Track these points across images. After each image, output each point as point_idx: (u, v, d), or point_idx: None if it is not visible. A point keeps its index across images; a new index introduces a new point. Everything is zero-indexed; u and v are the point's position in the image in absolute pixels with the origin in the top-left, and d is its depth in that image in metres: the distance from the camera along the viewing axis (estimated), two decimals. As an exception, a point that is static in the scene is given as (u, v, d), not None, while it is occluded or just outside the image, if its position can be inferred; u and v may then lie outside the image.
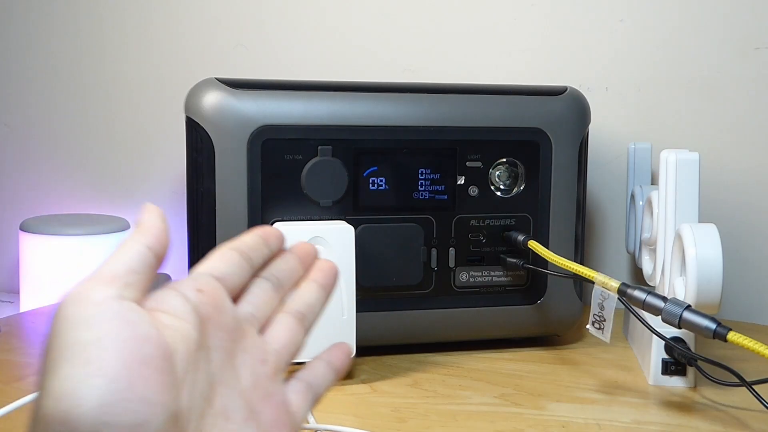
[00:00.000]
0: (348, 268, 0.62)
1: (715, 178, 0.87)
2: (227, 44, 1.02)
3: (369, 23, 0.98)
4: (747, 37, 0.86)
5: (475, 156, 0.70)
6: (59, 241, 1.00)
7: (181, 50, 1.04)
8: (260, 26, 1.01)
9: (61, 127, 1.12)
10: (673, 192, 0.65)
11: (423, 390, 0.63)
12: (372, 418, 0.57)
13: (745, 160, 0.88)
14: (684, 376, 0.65)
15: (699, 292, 0.59)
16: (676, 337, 0.63)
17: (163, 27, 1.05)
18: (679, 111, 0.89)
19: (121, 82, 1.08)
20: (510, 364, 0.70)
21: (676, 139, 0.89)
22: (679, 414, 0.59)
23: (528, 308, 0.73)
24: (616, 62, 0.91)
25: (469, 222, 0.71)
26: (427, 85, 0.72)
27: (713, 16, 0.87)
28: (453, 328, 0.72)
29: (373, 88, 0.69)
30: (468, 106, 0.70)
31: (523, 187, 0.71)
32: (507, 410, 0.60)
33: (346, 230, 0.63)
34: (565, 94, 0.73)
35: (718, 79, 0.88)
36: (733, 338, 0.51)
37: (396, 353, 0.71)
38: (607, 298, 0.60)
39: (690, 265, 0.59)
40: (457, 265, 0.71)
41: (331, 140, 0.67)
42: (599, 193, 0.93)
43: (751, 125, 0.87)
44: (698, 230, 0.60)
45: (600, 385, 0.65)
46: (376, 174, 0.68)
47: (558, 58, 0.92)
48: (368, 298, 0.68)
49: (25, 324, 0.84)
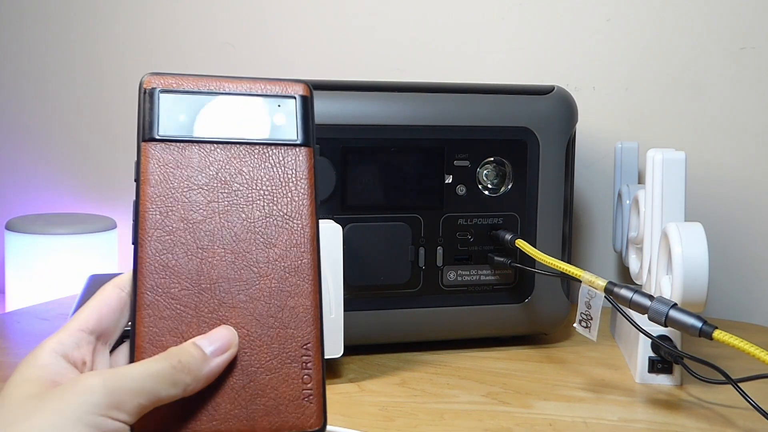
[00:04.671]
0: (336, 267, 0.62)
1: (701, 177, 0.88)
2: (214, 43, 1.02)
3: (357, 22, 0.97)
4: (733, 37, 0.87)
5: (462, 155, 0.70)
6: (45, 241, 1.00)
7: (168, 49, 1.04)
8: (247, 25, 1.01)
9: (47, 125, 1.11)
10: (660, 191, 0.65)
11: (411, 389, 0.63)
12: (360, 417, 0.57)
13: (731, 159, 0.88)
14: (670, 374, 0.65)
15: (685, 290, 0.59)
16: (663, 336, 0.63)
17: (151, 26, 1.04)
18: (666, 110, 0.90)
19: (108, 82, 1.07)
20: (497, 362, 0.70)
21: (663, 139, 0.90)
22: (666, 412, 0.60)
23: (515, 307, 0.73)
24: (604, 62, 0.91)
25: (456, 221, 0.71)
26: (415, 84, 0.72)
27: (699, 16, 0.88)
28: (441, 327, 0.72)
29: (361, 87, 0.69)
30: (455, 105, 0.70)
31: (511, 186, 0.72)
32: (494, 409, 0.60)
33: (334, 229, 0.63)
34: (553, 94, 0.73)
35: (704, 79, 0.88)
36: (719, 336, 0.51)
37: (384, 352, 0.71)
38: (594, 297, 0.60)
39: (676, 263, 0.59)
40: (444, 264, 0.71)
41: (319, 139, 0.66)
42: (586, 192, 0.93)
43: (737, 124, 0.88)
44: (684, 229, 0.61)
45: (587, 383, 0.66)
46: (363, 173, 0.68)
47: (545, 57, 0.92)
48: (356, 297, 0.68)
49: (10, 324, 0.83)
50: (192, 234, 0.39)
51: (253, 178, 0.41)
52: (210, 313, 0.38)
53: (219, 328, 0.38)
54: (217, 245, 0.39)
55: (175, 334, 0.37)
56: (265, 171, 0.41)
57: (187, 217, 0.39)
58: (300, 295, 0.40)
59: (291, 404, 0.38)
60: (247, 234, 0.40)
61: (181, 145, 0.40)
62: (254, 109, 0.42)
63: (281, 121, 0.42)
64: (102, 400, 0.33)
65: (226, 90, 0.42)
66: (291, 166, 0.41)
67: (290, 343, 0.39)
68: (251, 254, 0.40)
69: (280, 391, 0.38)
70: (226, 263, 0.39)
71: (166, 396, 0.35)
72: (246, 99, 0.42)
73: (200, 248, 0.39)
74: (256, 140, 0.41)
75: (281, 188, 0.41)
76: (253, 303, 0.39)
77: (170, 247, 0.38)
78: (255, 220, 0.40)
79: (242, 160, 0.41)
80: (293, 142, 0.42)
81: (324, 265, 0.62)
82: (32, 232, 1.00)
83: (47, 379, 0.35)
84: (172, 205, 0.39)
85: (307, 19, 0.99)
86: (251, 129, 0.41)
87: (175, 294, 0.38)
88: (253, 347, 0.38)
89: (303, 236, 0.40)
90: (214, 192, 0.40)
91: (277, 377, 0.38)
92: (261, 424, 0.37)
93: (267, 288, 0.39)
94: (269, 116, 0.42)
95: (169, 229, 0.39)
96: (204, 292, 0.38)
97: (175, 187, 0.39)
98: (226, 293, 0.39)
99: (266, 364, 0.38)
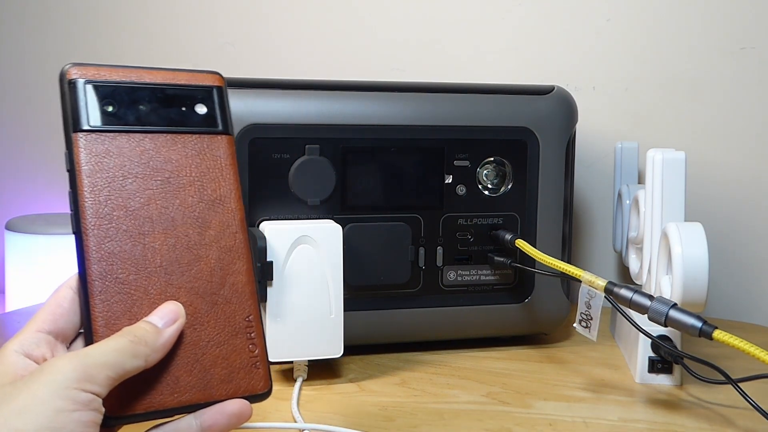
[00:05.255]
0: (336, 267, 0.62)
1: (701, 177, 0.88)
2: (214, 43, 1.02)
3: (357, 22, 0.97)
4: (733, 37, 0.87)
5: (462, 155, 0.70)
6: (45, 241, 1.00)
7: (168, 48, 1.04)
8: (247, 25, 1.01)
9: (48, 126, 1.11)
10: (660, 191, 0.65)
11: (411, 389, 0.63)
12: (360, 417, 0.57)
13: (731, 158, 0.88)
14: (670, 374, 0.65)
15: (685, 290, 0.59)
16: (663, 336, 0.63)
17: (150, 26, 1.04)
18: (666, 110, 0.90)
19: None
20: (497, 362, 0.70)
21: (663, 138, 0.90)
22: (666, 412, 0.60)
23: (515, 307, 0.73)
24: (604, 62, 0.91)
25: (456, 221, 0.71)
26: (415, 84, 0.72)
27: (699, 16, 0.88)
28: (441, 327, 0.72)
29: (361, 87, 0.69)
30: (456, 105, 0.70)
31: (511, 186, 0.72)
32: (494, 408, 0.60)
33: (334, 229, 0.63)
34: (553, 94, 0.73)
35: (704, 79, 0.88)
36: (718, 336, 0.51)
37: (384, 352, 0.71)
38: (594, 297, 0.60)
39: (676, 263, 0.59)
40: (444, 264, 0.71)
41: (319, 139, 0.67)
42: (586, 192, 0.93)
43: (737, 124, 0.88)
44: (684, 229, 0.61)
45: (587, 383, 0.66)
46: (363, 173, 0.68)
47: (545, 57, 0.92)
48: (356, 297, 0.68)
49: (10, 324, 0.83)
50: (132, 221, 0.41)
51: (182, 165, 0.43)
52: (159, 295, 0.41)
53: (165, 304, 0.40)
54: (157, 230, 0.41)
55: (129, 317, 0.40)
56: (193, 158, 0.43)
57: (125, 204, 0.41)
58: (237, 273, 0.43)
59: (242, 371, 0.42)
60: (183, 218, 0.42)
61: (111, 135, 0.42)
62: (177, 100, 0.44)
63: (203, 111, 0.44)
64: (73, 374, 0.35)
65: (148, 81, 0.43)
66: (216, 154, 0.44)
67: (234, 317, 0.42)
68: (189, 237, 0.42)
69: (230, 361, 0.41)
70: (167, 246, 0.41)
71: (131, 368, 0.37)
72: (168, 90, 0.44)
73: (141, 234, 0.41)
74: (181, 129, 0.43)
75: (209, 174, 0.43)
76: (196, 282, 0.42)
77: (113, 234, 0.40)
78: (189, 205, 0.42)
79: (170, 148, 0.43)
80: (216, 131, 0.44)
81: (324, 265, 0.62)
82: (32, 232, 1.00)
83: (15, 374, 0.37)
84: (110, 194, 0.41)
85: (307, 19, 0.99)
86: (176, 118, 0.43)
87: (124, 279, 0.40)
88: (201, 323, 0.41)
89: (234, 218, 0.43)
90: (148, 180, 0.42)
91: (227, 348, 0.42)
92: (218, 392, 0.41)
93: (207, 268, 0.42)
94: (191, 106, 0.44)
95: (110, 218, 0.40)
96: (151, 276, 0.41)
97: (110, 177, 0.41)
98: (171, 274, 0.41)
99: (216, 337, 0.41)
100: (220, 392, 0.41)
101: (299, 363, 0.64)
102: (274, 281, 0.60)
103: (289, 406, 0.59)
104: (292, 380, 0.63)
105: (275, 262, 0.60)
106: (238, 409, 0.41)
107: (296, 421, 0.56)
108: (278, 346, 0.61)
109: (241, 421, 0.41)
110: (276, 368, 0.66)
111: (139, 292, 0.40)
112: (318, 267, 0.62)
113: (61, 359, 0.36)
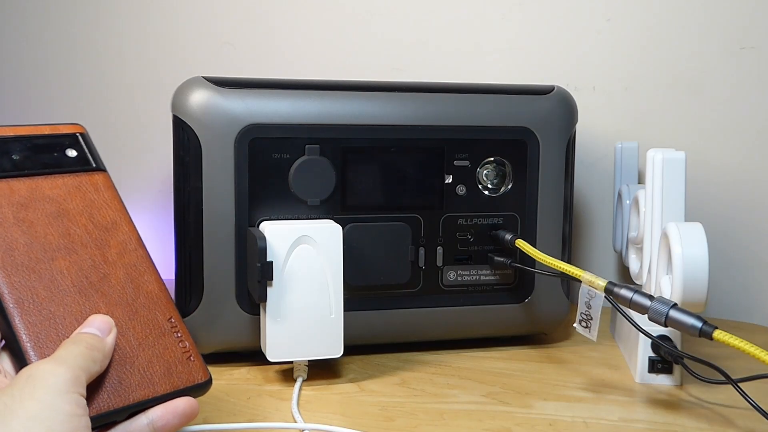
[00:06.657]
0: (336, 267, 0.62)
1: (701, 177, 0.88)
2: (214, 43, 1.02)
3: (356, 22, 0.97)
4: (733, 37, 0.87)
5: (462, 155, 0.70)
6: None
7: (168, 49, 1.04)
8: (247, 25, 1.01)
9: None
10: (660, 191, 0.65)
11: (411, 389, 0.63)
12: (360, 417, 0.57)
13: (731, 158, 0.88)
14: (670, 374, 0.65)
15: (685, 290, 0.59)
16: (663, 336, 0.63)
17: (150, 26, 1.04)
18: (666, 110, 0.90)
19: (107, 81, 1.07)
20: (497, 362, 0.70)
21: (663, 138, 0.90)
22: (666, 412, 0.60)
23: (515, 307, 0.73)
24: (604, 62, 0.91)
25: (456, 221, 0.71)
26: (415, 84, 0.72)
27: (699, 16, 0.88)
28: (440, 327, 0.72)
29: (361, 87, 0.69)
30: (455, 105, 0.70)
31: (511, 186, 0.72)
32: (494, 409, 0.60)
33: (334, 229, 0.63)
34: (553, 94, 0.73)
35: (704, 79, 0.88)
36: (719, 336, 0.51)
37: (384, 352, 0.71)
38: (594, 297, 0.60)
39: (676, 263, 0.59)
40: (444, 264, 0.71)
41: (319, 139, 0.67)
42: (586, 192, 0.93)
43: (737, 124, 0.88)
44: (684, 229, 0.61)
45: (587, 383, 0.66)
46: (363, 173, 0.68)
47: (545, 57, 0.92)
48: (356, 297, 0.68)
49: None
50: (33, 252, 0.45)
51: (67, 199, 0.48)
52: (79, 310, 0.44)
53: (93, 316, 0.43)
54: (59, 256, 0.46)
55: (56, 332, 0.43)
56: (75, 192, 0.48)
57: (21, 239, 0.45)
58: (148, 283, 0.48)
59: (179, 365, 0.46)
60: (82, 243, 0.47)
61: None
62: (47, 147, 0.50)
63: (73, 154, 0.50)
64: (67, 376, 0.37)
65: (13, 135, 0.49)
66: (96, 187, 0.50)
67: (157, 320, 0.47)
68: (93, 258, 0.47)
69: (165, 357, 0.46)
70: (75, 268, 0.46)
71: (94, 372, 0.40)
72: (37, 139, 0.50)
73: (46, 260, 0.45)
74: (58, 170, 0.49)
75: (95, 204, 0.49)
76: (112, 296, 0.46)
77: (18, 266, 0.44)
78: (85, 231, 0.47)
79: (52, 187, 0.48)
80: (91, 168, 0.50)
81: (324, 265, 0.62)
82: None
83: None
84: (5, 232, 0.45)
85: (307, 19, 0.99)
86: (50, 162, 0.49)
87: (41, 300, 0.43)
88: (128, 329, 0.45)
89: (130, 238, 0.49)
90: (38, 214, 0.46)
91: (159, 347, 0.46)
92: (162, 387, 0.44)
93: (118, 283, 0.47)
94: (62, 150, 0.50)
95: (12, 252, 0.44)
96: (65, 294, 0.44)
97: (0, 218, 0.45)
98: (85, 291, 0.45)
99: (145, 339, 0.46)
100: (164, 386, 0.44)
101: (299, 363, 0.64)
102: (274, 281, 0.60)
103: (289, 406, 0.59)
104: (292, 380, 0.63)
105: (275, 262, 0.60)
106: (188, 407, 0.44)
107: (296, 421, 0.56)
108: (278, 346, 0.61)
109: (190, 419, 0.44)
110: (276, 368, 0.67)
111: (60, 309, 0.43)
112: (318, 267, 0.62)
113: (45, 364, 0.37)
